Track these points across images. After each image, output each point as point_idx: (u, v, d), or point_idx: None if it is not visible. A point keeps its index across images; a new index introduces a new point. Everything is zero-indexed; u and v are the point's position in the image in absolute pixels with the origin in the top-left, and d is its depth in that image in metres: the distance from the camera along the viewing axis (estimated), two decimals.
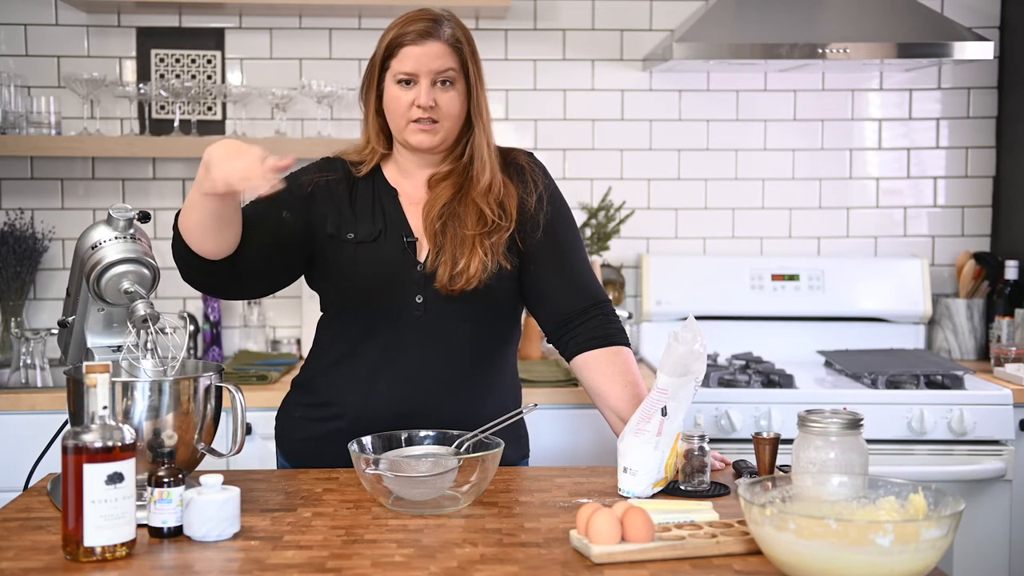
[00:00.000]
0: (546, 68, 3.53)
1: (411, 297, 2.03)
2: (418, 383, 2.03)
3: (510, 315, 2.13)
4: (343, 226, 2.06)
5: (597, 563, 1.50)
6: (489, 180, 2.05)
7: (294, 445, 2.14)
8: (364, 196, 2.09)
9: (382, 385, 2.04)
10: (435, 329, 2.03)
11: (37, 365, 3.10)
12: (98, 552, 1.51)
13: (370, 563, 1.51)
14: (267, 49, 3.49)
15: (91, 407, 1.52)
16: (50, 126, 3.30)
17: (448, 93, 2.02)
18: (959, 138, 3.61)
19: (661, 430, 1.83)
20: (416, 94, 2.01)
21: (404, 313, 2.03)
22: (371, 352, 2.06)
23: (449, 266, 1.99)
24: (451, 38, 2.02)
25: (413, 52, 2.00)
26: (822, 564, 1.35)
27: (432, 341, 2.03)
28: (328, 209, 2.08)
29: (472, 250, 2.00)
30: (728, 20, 3.20)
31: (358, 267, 2.04)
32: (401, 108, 2.02)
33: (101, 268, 1.78)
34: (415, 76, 2.01)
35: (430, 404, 2.02)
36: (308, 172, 2.13)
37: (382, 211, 2.08)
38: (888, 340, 3.46)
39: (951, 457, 2.90)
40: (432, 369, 2.03)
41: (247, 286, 2.08)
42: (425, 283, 2.03)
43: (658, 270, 3.45)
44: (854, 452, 1.68)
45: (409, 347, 2.04)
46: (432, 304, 2.02)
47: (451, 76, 2.02)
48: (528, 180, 2.10)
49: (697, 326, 1.86)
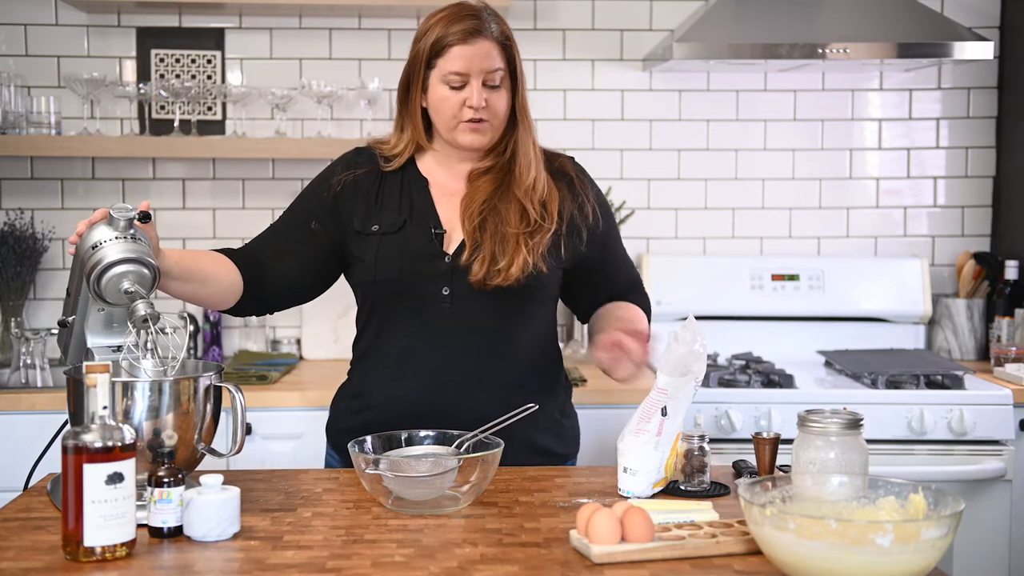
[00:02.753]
0: (546, 68, 3.53)
1: (437, 289, 2.01)
2: (444, 376, 2.02)
3: (540, 312, 2.11)
4: (369, 219, 2.07)
5: (597, 563, 1.50)
6: (533, 179, 2.04)
7: (336, 435, 2.15)
8: (392, 187, 2.09)
9: (408, 378, 2.04)
10: (462, 322, 2.02)
11: (37, 365, 3.10)
12: (98, 552, 1.51)
13: (370, 563, 1.51)
14: (267, 49, 3.49)
15: (91, 407, 1.52)
16: (50, 126, 3.30)
17: (498, 92, 2.01)
18: (959, 138, 3.61)
19: (661, 430, 1.83)
20: (467, 94, 1.99)
21: (430, 305, 2.02)
22: (397, 345, 2.06)
23: (487, 262, 1.98)
24: (500, 35, 2.01)
25: (464, 52, 1.98)
26: (822, 564, 1.35)
27: (458, 334, 2.02)
28: (355, 206, 2.08)
29: (516, 248, 1.98)
30: (728, 20, 3.20)
31: (381, 258, 2.04)
32: (451, 108, 2.00)
33: (101, 268, 1.78)
34: (466, 77, 1.98)
35: (457, 399, 2.01)
36: (336, 170, 2.13)
37: (409, 201, 2.07)
38: (888, 340, 3.46)
39: (951, 457, 2.90)
40: (458, 363, 2.02)
41: (285, 303, 2.18)
42: (453, 275, 2.01)
43: (658, 270, 3.45)
44: (854, 452, 1.68)
45: (435, 340, 2.03)
46: (460, 297, 2.01)
47: (500, 75, 2.00)
48: (578, 191, 2.10)
49: (697, 326, 1.86)
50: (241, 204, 3.48)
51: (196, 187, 3.49)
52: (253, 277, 2.08)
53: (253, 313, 2.17)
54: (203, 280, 2.01)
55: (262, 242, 2.14)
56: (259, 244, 2.14)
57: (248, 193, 3.49)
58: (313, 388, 2.93)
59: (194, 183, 3.49)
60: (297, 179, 3.45)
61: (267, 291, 2.11)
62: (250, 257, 2.10)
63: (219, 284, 2.04)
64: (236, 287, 2.07)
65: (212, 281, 2.03)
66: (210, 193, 3.49)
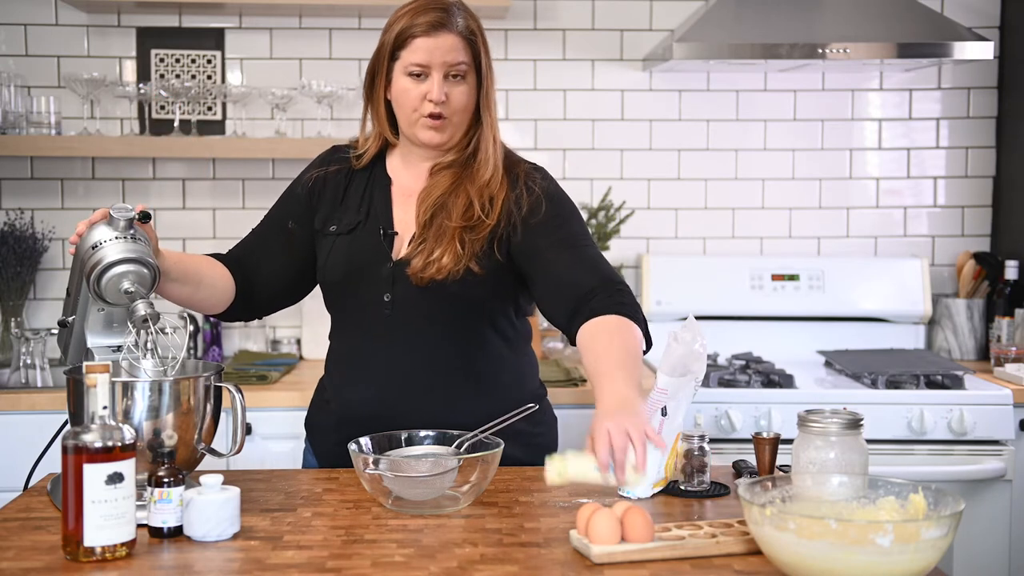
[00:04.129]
0: (546, 68, 3.53)
1: (380, 295, 2.00)
2: (391, 380, 2.01)
3: (487, 315, 2.03)
4: (330, 219, 2.07)
5: (597, 563, 1.50)
6: (489, 177, 2.01)
7: (310, 430, 2.18)
8: (357, 186, 2.08)
9: (358, 381, 2.04)
10: (405, 328, 2.00)
11: (37, 365, 3.10)
12: (98, 552, 1.51)
13: (370, 563, 1.51)
14: (267, 49, 3.49)
15: (91, 407, 1.52)
16: (50, 126, 3.30)
17: (459, 87, 1.99)
18: (959, 138, 3.61)
19: (661, 430, 1.83)
20: (428, 87, 1.97)
21: (373, 311, 2.01)
22: (348, 349, 2.07)
23: (425, 255, 1.96)
24: (465, 29, 1.98)
25: (425, 44, 1.96)
26: (822, 564, 1.35)
27: (401, 341, 2.00)
28: (321, 204, 2.09)
29: (450, 242, 1.96)
30: (728, 20, 3.20)
31: (332, 259, 2.05)
32: (411, 101, 1.99)
33: (101, 268, 1.78)
34: (427, 69, 1.97)
35: (407, 405, 1.99)
36: (312, 167, 2.14)
37: (369, 202, 2.06)
38: (888, 340, 3.46)
39: (951, 457, 2.90)
40: (400, 369, 2.01)
41: (272, 306, 2.17)
42: (395, 280, 1.99)
43: (658, 270, 3.45)
44: (854, 452, 1.68)
45: (378, 345, 2.02)
46: (401, 303, 1.99)
47: (463, 69, 1.98)
48: (519, 185, 2.02)
49: (697, 326, 1.86)
50: (241, 204, 3.48)
51: (196, 187, 3.49)
52: (242, 280, 2.09)
53: (242, 318, 2.17)
54: (199, 283, 2.01)
55: (246, 246, 2.15)
56: (243, 248, 2.15)
57: (248, 193, 3.49)
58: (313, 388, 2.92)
59: (194, 183, 3.49)
60: None
61: (255, 295, 2.12)
62: (238, 261, 2.11)
63: (214, 288, 2.05)
64: (229, 291, 2.08)
65: (207, 284, 2.03)
66: (210, 193, 3.49)
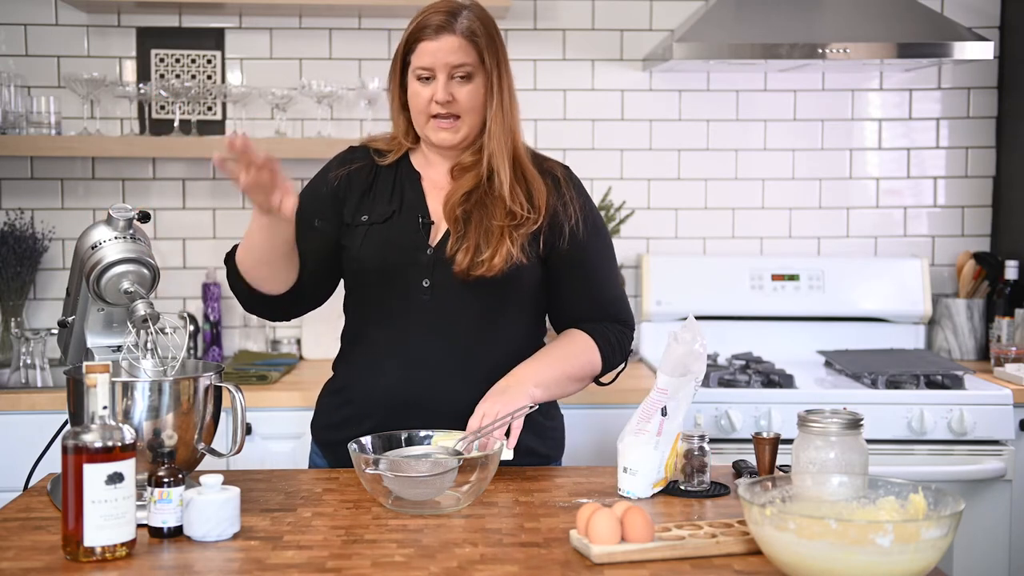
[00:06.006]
0: (546, 68, 3.53)
1: (418, 280, 2.02)
2: (422, 368, 2.02)
3: (521, 308, 2.09)
4: (359, 211, 2.09)
5: (597, 563, 1.50)
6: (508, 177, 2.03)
7: (318, 432, 2.17)
8: (385, 180, 2.11)
9: (387, 368, 2.04)
10: (441, 315, 2.02)
11: (37, 365, 3.10)
12: (98, 552, 1.51)
13: (370, 563, 1.51)
14: (267, 49, 3.49)
15: (91, 407, 1.52)
16: (50, 126, 3.30)
17: (466, 87, 2.02)
18: (959, 138, 3.61)
19: (661, 430, 1.83)
20: (434, 89, 2.01)
21: (410, 297, 2.03)
22: (377, 337, 2.06)
23: (471, 252, 1.98)
24: (466, 31, 2.01)
25: (428, 47, 2.00)
26: (822, 564, 1.35)
27: (438, 326, 2.02)
28: (348, 200, 2.10)
29: (500, 240, 1.99)
30: (728, 20, 3.20)
31: (367, 248, 2.05)
32: (421, 104, 2.03)
33: (101, 268, 1.78)
34: (431, 71, 2.01)
35: (435, 392, 2.01)
36: (332, 167, 2.16)
37: (401, 193, 2.09)
38: (888, 340, 3.46)
39: (951, 457, 2.90)
40: (436, 356, 2.02)
41: (305, 307, 2.17)
42: (434, 267, 2.02)
43: (658, 270, 3.45)
44: (854, 452, 1.68)
45: (413, 332, 2.03)
46: (440, 289, 2.01)
47: (468, 70, 2.01)
48: (563, 191, 2.08)
49: (697, 326, 1.86)
50: (241, 204, 3.48)
51: (196, 187, 3.49)
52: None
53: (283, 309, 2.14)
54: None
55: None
56: None
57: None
58: (313, 388, 2.89)
59: (194, 183, 3.49)
60: (297, 179, 3.44)
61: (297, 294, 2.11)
62: None
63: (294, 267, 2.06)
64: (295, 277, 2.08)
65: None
66: (210, 193, 3.49)
